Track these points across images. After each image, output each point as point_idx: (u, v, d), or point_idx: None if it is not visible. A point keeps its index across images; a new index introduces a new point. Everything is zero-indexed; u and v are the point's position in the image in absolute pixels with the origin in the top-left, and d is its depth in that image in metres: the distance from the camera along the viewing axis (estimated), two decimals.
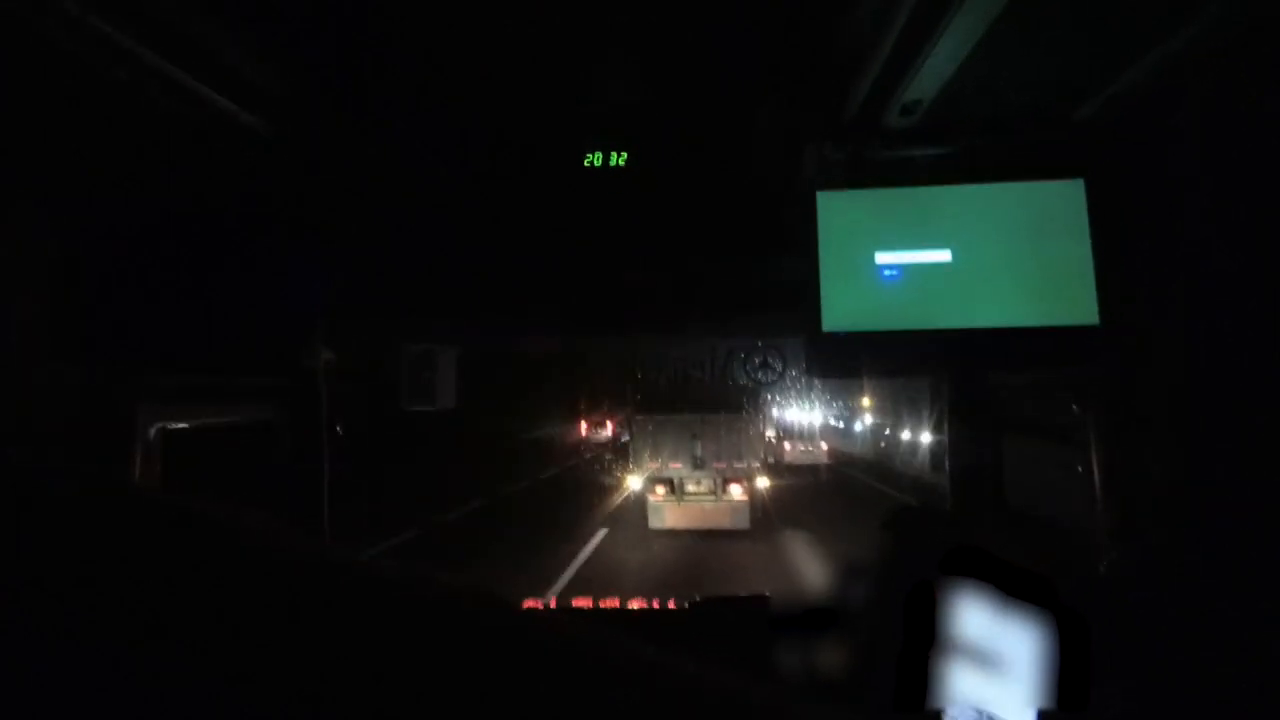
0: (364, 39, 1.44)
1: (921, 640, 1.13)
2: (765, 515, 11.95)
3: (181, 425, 1.51)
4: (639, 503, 11.97)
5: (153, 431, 1.45)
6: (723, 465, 11.54)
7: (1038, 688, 1.06)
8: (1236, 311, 1.33)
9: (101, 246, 1.37)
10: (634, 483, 12.53)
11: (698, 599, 1.72)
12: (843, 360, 1.52)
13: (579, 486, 16.15)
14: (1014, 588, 1.10)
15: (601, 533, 11.62)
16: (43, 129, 1.23)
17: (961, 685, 1.11)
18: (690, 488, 11.53)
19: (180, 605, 0.31)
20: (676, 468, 11.59)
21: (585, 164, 1.59)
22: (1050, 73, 1.42)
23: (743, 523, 11.30)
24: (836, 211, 1.53)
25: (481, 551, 9.38)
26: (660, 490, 11.51)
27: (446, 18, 1.38)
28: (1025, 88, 1.45)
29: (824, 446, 22.37)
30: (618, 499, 13.77)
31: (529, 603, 1.91)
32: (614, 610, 1.76)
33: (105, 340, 1.38)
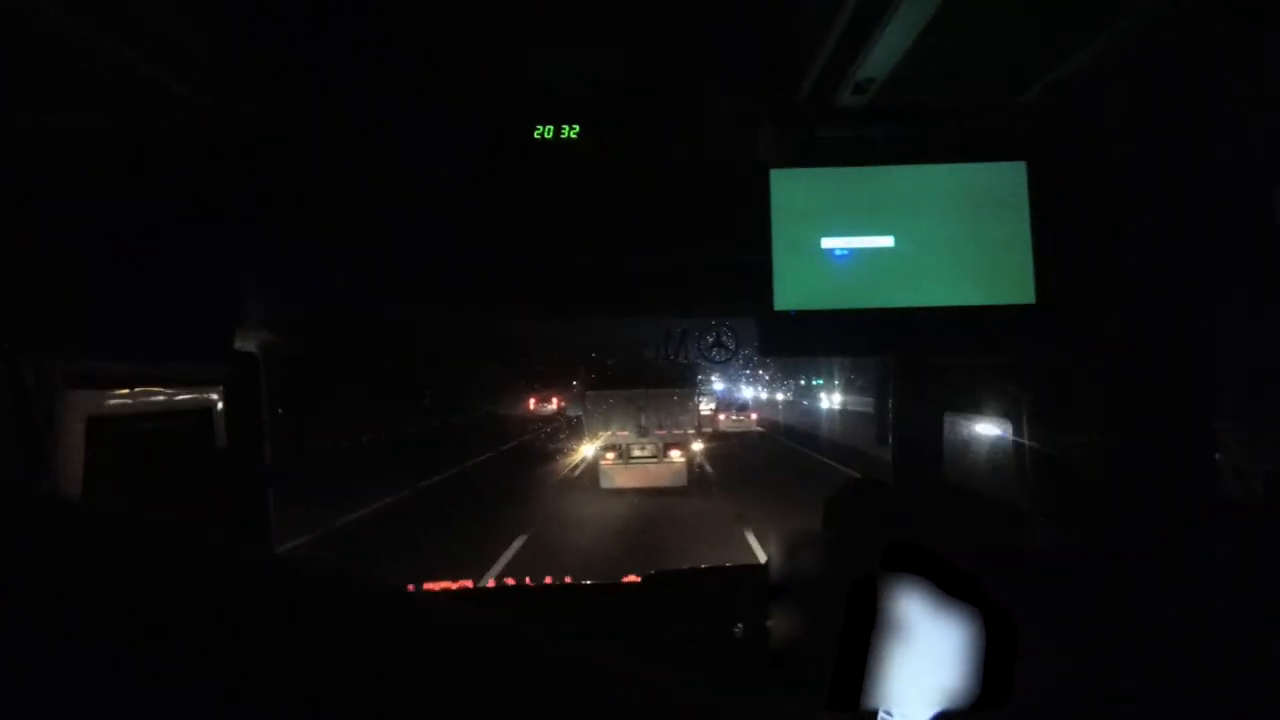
0: (299, 5, 1.26)
1: (860, 635, 1.07)
2: (699, 470, 13.35)
3: (112, 413, 1.34)
4: (593, 465, 12.98)
5: (81, 419, 1.27)
6: (664, 433, 12.59)
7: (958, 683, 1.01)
8: (1165, 291, 1.31)
9: (28, 228, 1.19)
10: (588, 450, 13.56)
11: (648, 572, 1.64)
12: (794, 339, 1.42)
13: (541, 455, 17.20)
14: (949, 584, 1.06)
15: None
16: None
17: (895, 683, 1.05)
18: (636, 452, 12.52)
19: (86, 611, 0.28)
20: (624, 435, 12.53)
21: (536, 135, 1.44)
22: (996, 56, 1.34)
23: (681, 481, 12.38)
24: (789, 190, 1.41)
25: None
26: (610, 456, 12.49)
27: None
28: (972, 71, 1.37)
29: (753, 416, 24.34)
30: (574, 460, 14.84)
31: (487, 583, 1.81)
32: (588, 587, 1.67)
33: (30, 324, 1.20)
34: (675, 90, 1.45)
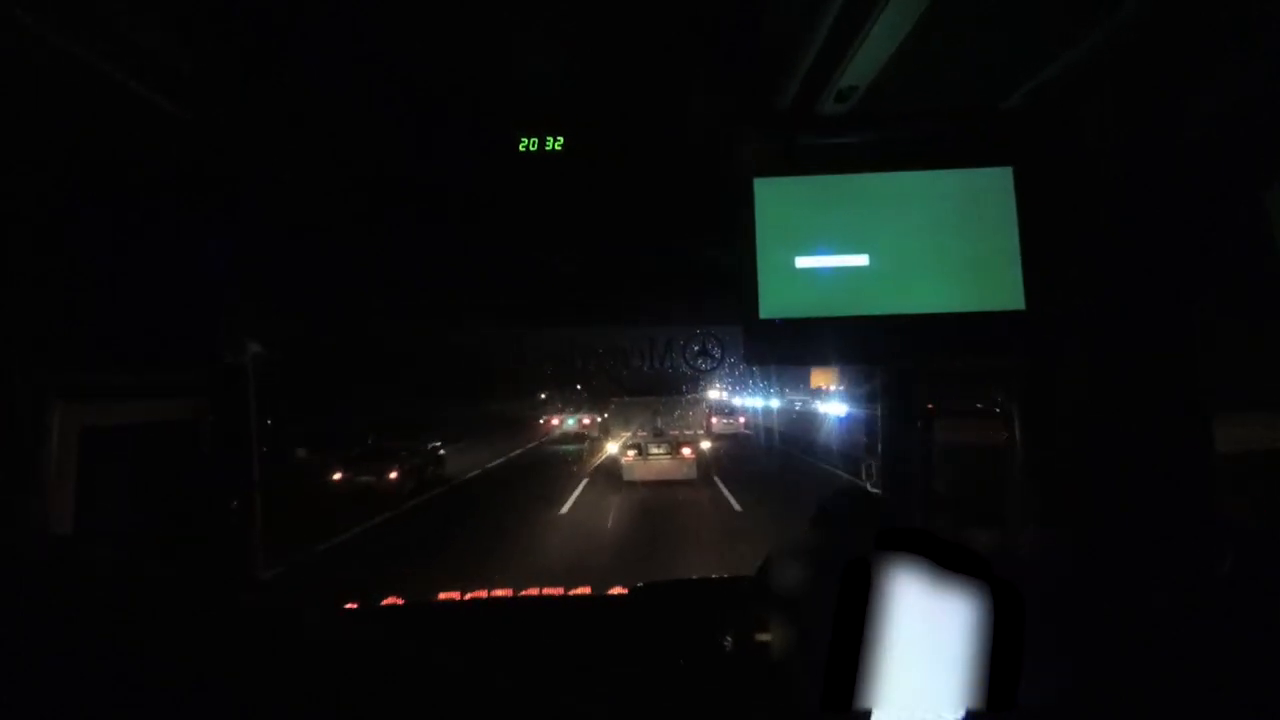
0: (285, 19, 1.16)
1: (854, 631, 0.94)
2: (703, 460, 14.60)
3: (104, 424, 1.24)
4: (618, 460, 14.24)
5: (69, 431, 1.17)
6: (676, 433, 13.85)
7: (969, 681, 0.88)
8: (1155, 293, 1.17)
9: (14, 241, 1.10)
10: (612, 447, 15.01)
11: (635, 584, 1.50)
12: (780, 347, 1.25)
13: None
14: (950, 562, 0.92)
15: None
16: None
17: (895, 682, 0.92)
18: (653, 450, 13.68)
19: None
20: (643, 435, 13.80)
21: (521, 148, 1.31)
22: (978, 62, 1.19)
23: (691, 474, 13.58)
24: (772, 199, 1.24)
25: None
26: (631, 454, 13.64)
27: None
28: (955, 77, 1.21)
29: (742, 420, 26.17)
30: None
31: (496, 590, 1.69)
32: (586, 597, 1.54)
33: (15, 335, 1.11)
34: (658, 102, 1.31)
